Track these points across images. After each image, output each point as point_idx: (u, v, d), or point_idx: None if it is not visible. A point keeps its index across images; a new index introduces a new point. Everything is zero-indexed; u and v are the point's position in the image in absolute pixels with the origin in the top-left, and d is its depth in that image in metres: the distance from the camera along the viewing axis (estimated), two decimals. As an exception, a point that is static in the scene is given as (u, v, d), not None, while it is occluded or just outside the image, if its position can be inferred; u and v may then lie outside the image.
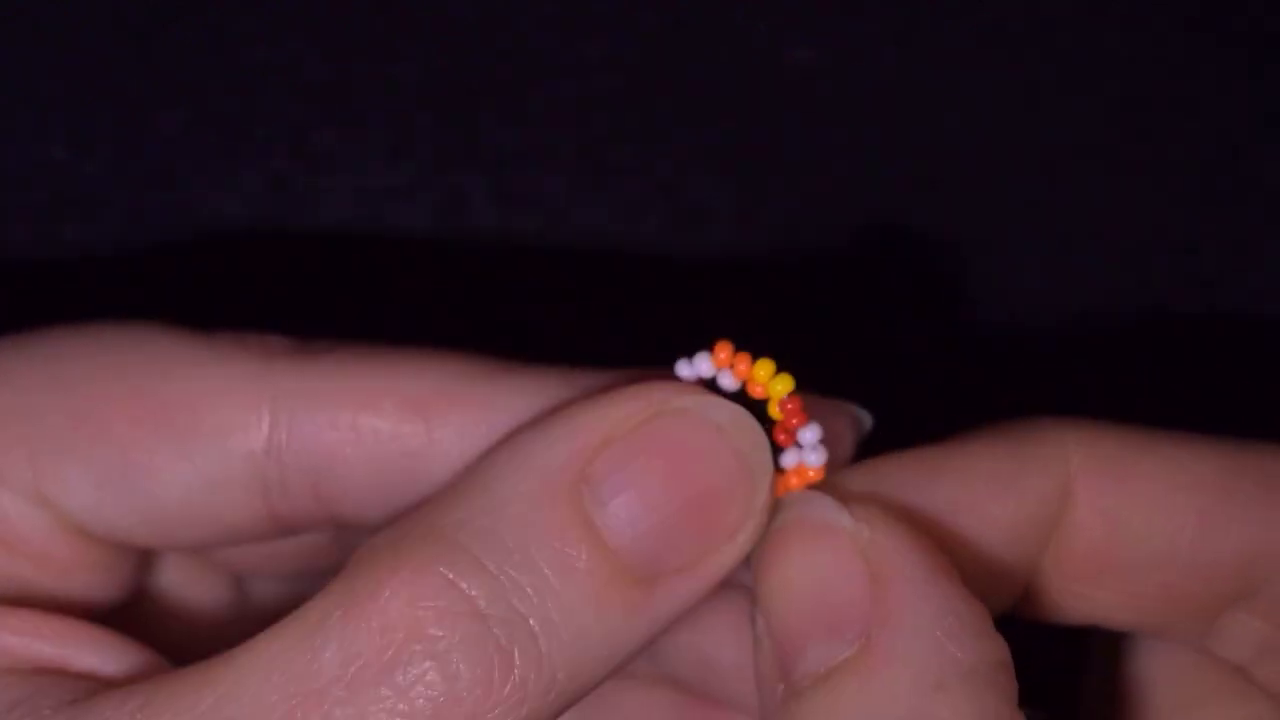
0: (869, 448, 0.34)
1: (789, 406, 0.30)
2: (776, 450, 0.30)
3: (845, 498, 0.29)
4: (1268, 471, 0.30)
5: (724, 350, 0.30)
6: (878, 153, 0.43)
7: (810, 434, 0.30)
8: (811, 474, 0.30)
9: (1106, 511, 0.30)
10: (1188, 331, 0.43)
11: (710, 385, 0.30)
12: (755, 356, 0.30)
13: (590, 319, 0.42)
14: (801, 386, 0.31)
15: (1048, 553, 0.30)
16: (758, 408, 0.30)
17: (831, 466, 0.31)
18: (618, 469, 0.27)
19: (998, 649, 0.28)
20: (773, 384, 0.30)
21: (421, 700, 0.26)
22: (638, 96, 0.42)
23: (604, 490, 0.27)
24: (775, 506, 0.29)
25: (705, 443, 0.28)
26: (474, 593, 0.26)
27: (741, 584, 0.30)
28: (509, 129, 0.42)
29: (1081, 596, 0.31)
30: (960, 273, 0.43)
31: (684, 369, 0.30)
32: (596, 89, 0.42)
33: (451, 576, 0.26)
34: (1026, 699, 0.29)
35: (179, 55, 0.41)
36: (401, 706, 0.26)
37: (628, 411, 0.28)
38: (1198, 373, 0.43)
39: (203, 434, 0.31)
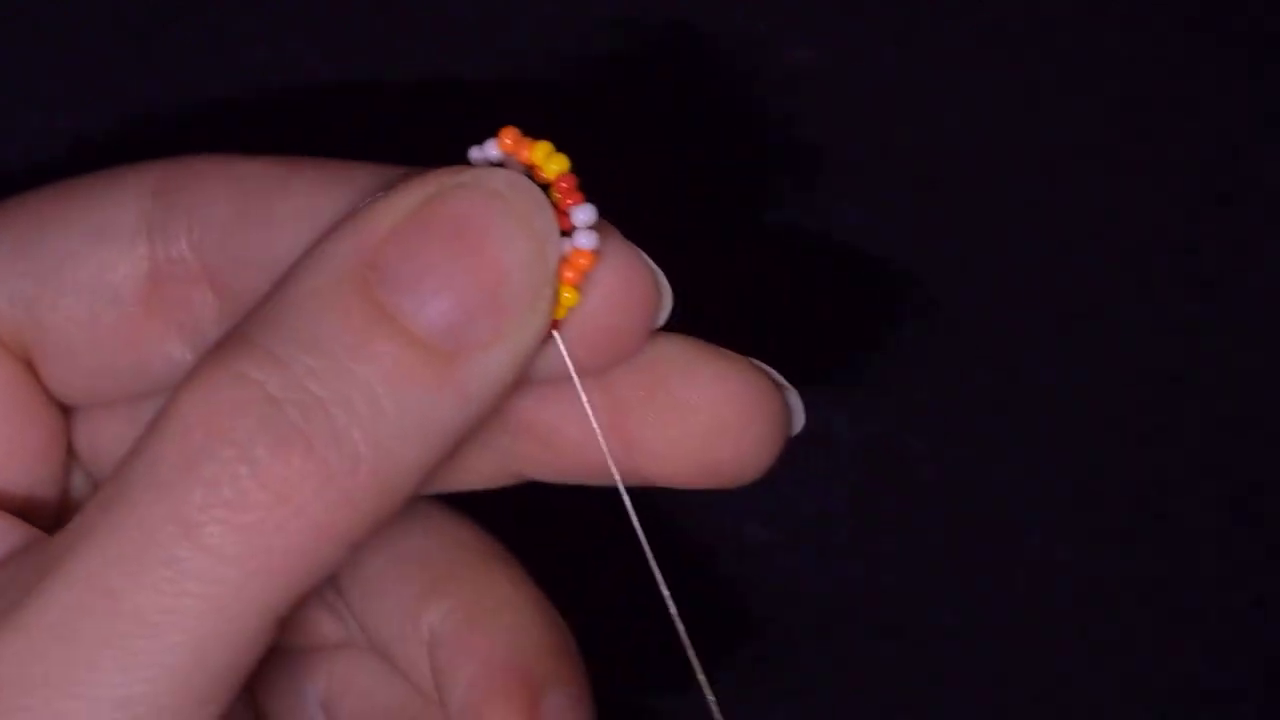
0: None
1: (563, 186, 0.29)
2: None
3: None
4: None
5: (510, 135, 0.30)
6: (877, 152, 0.43)
7: (583, 214, 0.29)
8: (584, 261, 0.30)
9: None
10: (1188, 331, 0.43)
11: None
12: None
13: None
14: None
15: None
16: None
17: (629, 336, 0.31)
18: (403, 252, 0.28)
19: None
20: (547, 163, 0.29)
21: (229, 490, 0.26)
22: (638, 96, 0.42)
23: (390, 273, 0.28)
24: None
25: (484, 211, 0.28)
26: (264, 379, 0.27)
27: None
28: (500, 113, 0.42)
29: None
30: (959, 272, 0.43)
31: (475, 154, 0.30)
32: (596, 88, 0.42)
33: (241, 369, 0.27)
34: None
35: (180, 55, 0.42)
36: (212, 498, 0.27)
37: (409, 198, 0.28)
38: (1198, 373, 0.43)
39: (98, 196, 0.33)
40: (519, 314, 0.28)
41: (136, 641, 0.26)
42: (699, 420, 0.31)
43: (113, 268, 0.32)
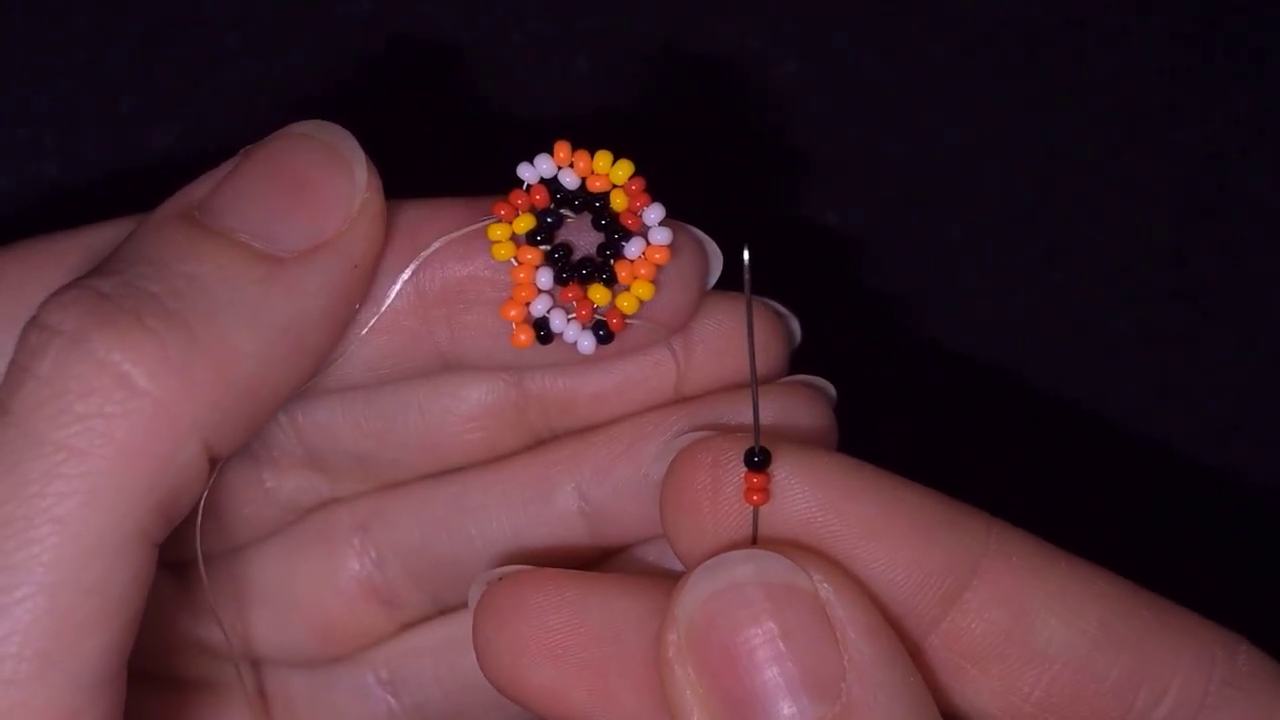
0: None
1: (632, 189, 0.31)
2: (625, 235, 0.31)
3: (788, 550, 0.29)
4: (1161, 608, 0.31)
5: (563, 149, 0.31)
6: (864, 163, 0.43)
7: (653, 213, 0.31)
8: (658, 256, 0.31)
9: (1014, 597, 0.30)
10: (1174, 341, 0.43)
11: (552, 184, 0.31)
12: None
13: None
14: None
15: (943, 624, 0.30)
16: (600, 201, 0.31)
17: (691, 306, 0.32)
18: (224, 191, 0.30)
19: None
20: (614, 170, 0.31)
21: (63, 381, 0.27)
22: (628, 108, 0.42)
23: (213, 207, 0.30)
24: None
25: (292, 145, 0.31)
26: (96, 284, 0.28)
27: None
28: (502, 142, 0.42)
29: (966, 679, 0.30)
30: (945, 280, 0.43)
31: (525, 171, 0.32)
32: (587, 101, 0.42)
33: (81, 281, 0.29)
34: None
35: (171, 72, 0.42)
36: (45, 391, 0.27)
37: (229, 163, 0.31)
38: (1188, 381, 0.43)
39: None
40: (335, 220, 0.30)
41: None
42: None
43: None
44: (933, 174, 0.43)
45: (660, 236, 0.31)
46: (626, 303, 0.31)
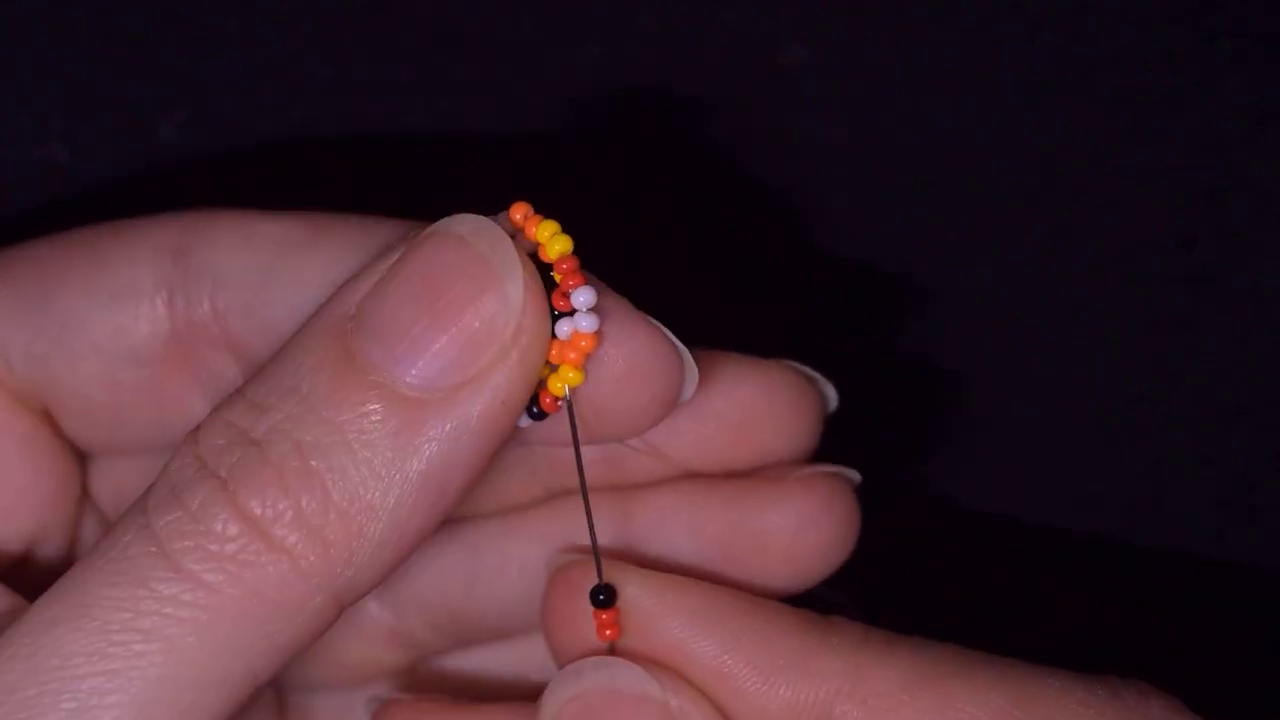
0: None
1: (564, 267, 0.30)
2: (556, 317, 0.30)
3: (647, 663, 0.31)
4: (1053, 705, 0.30)
5: (519, 210, 0.30)
6: (871, 149, 0.43)
7: (583, 296, 0.30)
8: (585, 343, 0.30)
9: None
10: (1181, 326, 0.43)
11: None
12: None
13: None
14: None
15: None
16: (548, 271, 0.30)
17: (648, 409, 0.31)
18: (378, 302, 0.29)
19: None
20: (550, 244, 0.30)
21: (209, 521, 0.28)
22: (632, 96, 0.42)
23: (365, 322, 0.29)
24: None
25: (447, 253, 0.29)
26: (244, 424, 0.28)
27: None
28: (504, 128, 0.42)
29: None
30: (953, 268, 0.43)
31: None
32: (591, 89, 0.42)
33: (228, 417, 0.29)
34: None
35: (177, 57, 0.42)
36: (191, 527, 0.28)
37: (393, 254, 0.30)
38: (1193, 366, 0.44)
39: (113, 255, 0.34)
40: (483, 353, 0.29)
41: (100, 663, 0.27)
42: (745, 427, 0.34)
43: (131, 330, 0.33)
44: (937, 157, 0.43)
45: (585, 324, 0.30)
46: (555, 385, 0.30)
